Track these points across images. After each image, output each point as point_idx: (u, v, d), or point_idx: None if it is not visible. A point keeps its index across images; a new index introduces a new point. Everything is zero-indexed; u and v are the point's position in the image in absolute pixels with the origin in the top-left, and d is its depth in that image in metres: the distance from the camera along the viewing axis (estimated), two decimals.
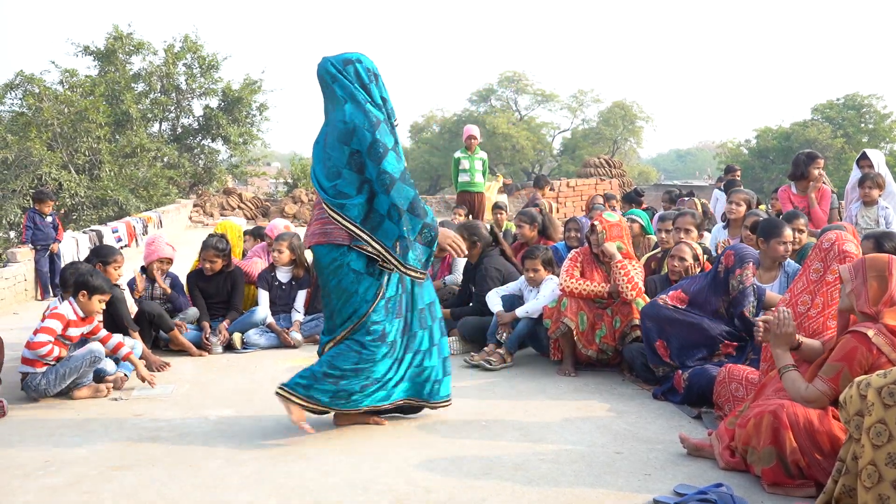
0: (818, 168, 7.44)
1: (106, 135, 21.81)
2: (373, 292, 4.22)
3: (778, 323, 3.83)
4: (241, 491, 3.69)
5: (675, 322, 5.14)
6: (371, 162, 4.07)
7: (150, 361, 6.00)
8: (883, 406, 2.97)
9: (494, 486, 3.73)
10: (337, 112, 4.19)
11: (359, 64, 4.22)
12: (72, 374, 5.20)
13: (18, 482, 3.82)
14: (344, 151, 4.13)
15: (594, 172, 24.35)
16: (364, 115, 4.10)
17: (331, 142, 4.18)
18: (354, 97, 4.15)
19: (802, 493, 3.56)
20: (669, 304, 5.19)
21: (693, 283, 5.27)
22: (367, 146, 4.07)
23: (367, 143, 4.07)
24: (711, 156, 54.59)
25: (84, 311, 5.41)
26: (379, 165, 4.06)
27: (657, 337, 5.22)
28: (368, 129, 4.07)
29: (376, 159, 4.06)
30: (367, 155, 4.08)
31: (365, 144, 4.07)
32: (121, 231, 14.25)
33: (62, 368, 5.17)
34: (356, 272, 4.18)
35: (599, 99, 49.60)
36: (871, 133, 39.34)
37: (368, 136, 4.06)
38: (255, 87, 27.41)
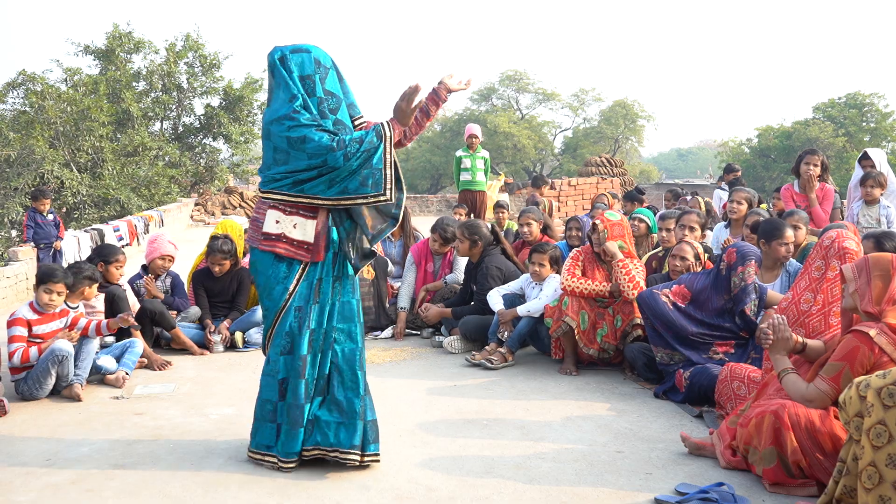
0: (809, 164, 7.41)
1: (108, 133, 21.81)
2: (283, 297, 3.89)
3: (773, 330, 3.83)
4: (242, 489, 3.70)
5: (666, 321, 5.17)
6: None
7: (152, 360, 6.01)
8: (883, 407, 2.97)
9: (496, 485, 3.73)
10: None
11: (305, 55, 3.92)
12: (44, 375, 5.13)
13: (21, 480, 3.83)
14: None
15: (595, 171, 24.35)
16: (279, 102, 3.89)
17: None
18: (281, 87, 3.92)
19: (804, 493, 3.57)
20: (668, 301, 5.20)
21: (695, 280, 5.27)
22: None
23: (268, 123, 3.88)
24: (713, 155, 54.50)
25: (45, 306, 5.33)
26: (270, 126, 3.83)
27: (654, 322, 5.25)
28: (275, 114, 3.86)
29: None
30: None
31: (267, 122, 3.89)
32: (122, 230, 14.25)
33: (34, 372, 5.15)
34: (265, 275, 3.92)
35: (601, 98, 49.57)
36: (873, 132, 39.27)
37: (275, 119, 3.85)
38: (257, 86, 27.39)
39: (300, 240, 3.88)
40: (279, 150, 3.82)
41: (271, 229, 3.89)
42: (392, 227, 3.99)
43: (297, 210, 3.88)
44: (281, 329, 3.90)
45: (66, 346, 5.20)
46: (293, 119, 3.78)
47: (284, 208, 3.88)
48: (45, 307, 5.36)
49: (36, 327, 5.31)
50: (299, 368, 3.87)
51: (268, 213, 3.90)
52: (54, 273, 5.40)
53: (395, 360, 6.31)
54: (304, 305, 3.90)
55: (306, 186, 3.80)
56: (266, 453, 3.94)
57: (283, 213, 3.88)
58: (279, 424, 3.91)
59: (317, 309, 3.93)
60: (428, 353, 6.54)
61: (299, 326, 3.89)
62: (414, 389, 5.44)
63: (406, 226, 8.39)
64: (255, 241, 3.95)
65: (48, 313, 5.38)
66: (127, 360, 5.72)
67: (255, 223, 3.97)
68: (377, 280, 7.30)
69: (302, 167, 3.78)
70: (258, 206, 3.99)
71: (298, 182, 3.81)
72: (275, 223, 3.89)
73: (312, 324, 3.91)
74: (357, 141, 3.78)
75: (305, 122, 3.77)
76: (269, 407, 3.93)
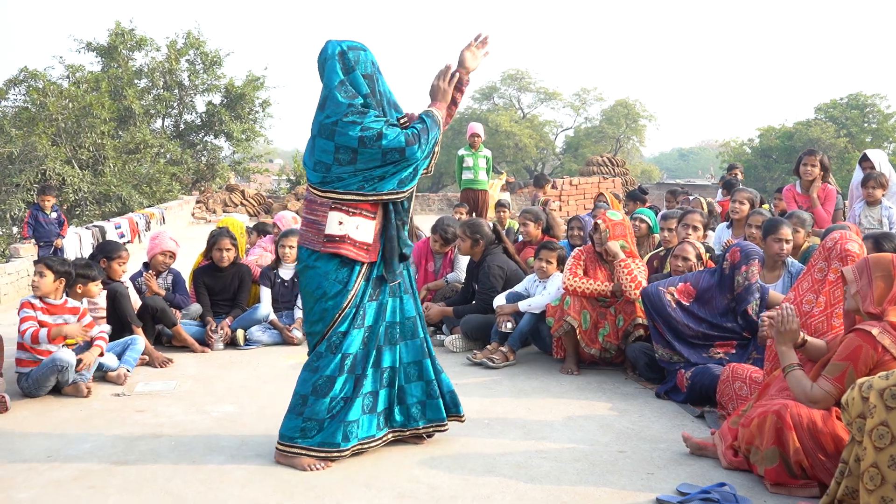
0: (807, 165, 7.43)
1: (110, 130, 21.80)
2: (345, 298, 3.91)
3: (782, 319, 3.82)
4: (244, 487, 3.70)
5: (667, 320, 5.16)
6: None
7: (154, 357, 6.01)
8: (885, 408, 2.97)
9: (498, 484, 3.73)
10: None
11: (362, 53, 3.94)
12: (44, 380, 5.12)
13: (23, 476, 3.83)
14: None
15: (597, 171, 24.34)
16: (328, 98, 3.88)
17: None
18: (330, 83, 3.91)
19: (806, 494, 3.57)
20: (672, 299, 5.19)
21: (701, 279, 5.26)
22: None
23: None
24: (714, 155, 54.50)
25: (32, 287, 5.33)
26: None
27: (655, 318, 5.25)
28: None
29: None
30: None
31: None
32: (123, 227, 14.25)
33: (34, 374, 5.13)
34: (325, 277, 3.91)
35: (602, 97, 49.58)
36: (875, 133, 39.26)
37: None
38: (258, 84, 27.36)
39: (362, 240, 3.90)
40: (344, 150, 3.78)
41: (335, 231, 3.87)
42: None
43: (360, 211, 3.89)
44: (337, 328, 3.92)
45: (67, 356, 5.15)
46: (363, 117, 3.77)
47: (348, 209, 3.88)
48: (33, 288, 5.34)
49: (43, 317, 5.32)
50: (347, 365, 3.92)
51: (330, 215, 3.87)
52: (46, 257, 5.39)
53: None
54: (361, 304, 3.95)
55: (379, 184, 3.83)
56: (291, 445, 3.94)
57: (347, 214, 3.88)
58: (310, 419, 3.91)
59: (374, 306, 3.99)
60: None
61: (354, 325, 3.93)
62: None
63: (409, 224, 8.37)
64: (316, 244, 3.91)
65: (54, 304, 5.37)
66: (128, 357, 5.72)
67: (315, 225, 3.92)
68: None
69: (375, 164, 3.79)
70: (314, 208, 3.94)
71: (370, 179, 3.82)
72: (338, 224, 3.87)
73: (369, 320, 3.97)
74: (423, 131, 3.87)
75: (377, 119, 3.79)
76: (299, 401, 3.96)
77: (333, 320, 3.92)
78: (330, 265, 3.90)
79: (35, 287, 5.34)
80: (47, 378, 5.12)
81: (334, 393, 3.90)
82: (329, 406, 3.91)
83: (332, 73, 3.85)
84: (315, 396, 3.91)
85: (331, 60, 3.86)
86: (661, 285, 5.32)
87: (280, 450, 3.97)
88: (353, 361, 3.95)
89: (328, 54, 3.88)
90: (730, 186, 10.43)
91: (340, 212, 3.87)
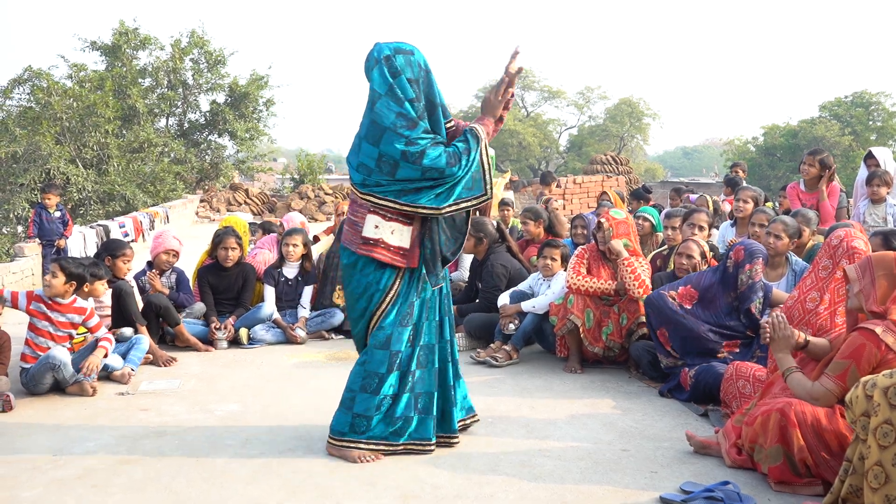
0: (805, 164, 7.42)
1: (114, 129, 21.82)
2: (383, 299, 3.98)
3: (773, 327, 3.82)
4: (248, 485, 3.70)
5: (675, 323, 5.15)
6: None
7: (158, 357, 6.02)
8: (889, 406, 2.96)
9: (501, 483, 3.73)
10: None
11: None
12: (41, 377, 5.13)
13: (27, 475, 3.84)
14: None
15: (601, 169, 24.31)
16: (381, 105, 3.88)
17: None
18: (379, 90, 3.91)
19: (809, 492, 3.56)
20: (675, 303, 5.18)
21: (702, 278, 5.26)
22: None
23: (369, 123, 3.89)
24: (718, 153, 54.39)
25: (61, 293, 5.34)
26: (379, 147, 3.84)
27: (659, 326, 5.24)
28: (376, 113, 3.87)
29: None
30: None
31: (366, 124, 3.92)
32: (127, 226, 14.29)
33: (31, 371, 5.15)
34: (365, 278, 3.98)
35: (606, 96, 49.52)
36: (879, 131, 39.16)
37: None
38: (262, 83, 27.38)
39: (397, 245, 3.93)
40: (388, 159, 3.81)
41: (370, 234, 3.92)
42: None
43: (396, 216, 3.92)
44: (380, 327, 3.98)
45: (61, 354, 5.14)
46: (410, 130, 3.77)
47: (385, 214, 3.91)
48: (44, 287, 5.37)
49: (48, 313, 5.33)
50: (394, 363, 3.96)
51: (367, 218, 3.93)
52: (62, 258, 5.47)
53: None
54: (404, 304, 3.99)
55: (414, 197, 3.84)
56: (340, 439, 4.01)
57: (384, 218, 3.91)
58: (359, 414, 3.96)
59: (417, 304, 4.02)
60: None
61: (400, 323, 3.98)
62: None
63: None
64: (353, 245, 3.98)
65: (62, 303, 5.36)
66: (132, 356, 5.72)
67: (354, 226, 3.99)
68: None
69: (414, 177, 3.80)
70: (355, 209, 4.00)
71: (407, 192, 3.84)
72: (374, 228, 3.92)
73: (414, 319, 4.01)
74: (465, 152, 3.85)
75: (423, 136, 3.79)
76: (349, 396, 4.02)
77: (372, 318, 4.00)
78: (369, 266, 3.96)
79: (47, 286, 5.37)
80: (43, 375, 5.13)
81: (384, 390, 3.96)
82: (378, 402, 3.96)
83: (379, 78, 3.85)
84: (364, 392, 3.97)
85: (378, 65, 3.86)
86: (663, 290, 5.31)
87: (332, 443, 4.04)
88: (400, 359, 3.99)
89: (375, 58, 3.88)
90: (733, 184, 10.41)
91: (378, 216, 3.92)
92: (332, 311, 7.05)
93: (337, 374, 5.73)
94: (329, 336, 7.01)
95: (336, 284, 7.14)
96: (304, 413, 4.81)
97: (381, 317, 3.99)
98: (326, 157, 36.22)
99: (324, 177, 31.22)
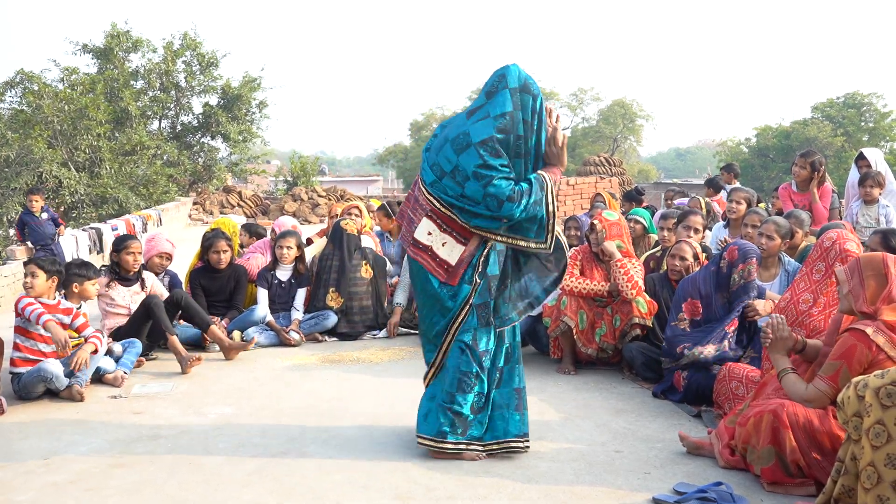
0: (796, 165, 7.45)
1: (106, 132, 21.78)
2: (463, 302, 3.97)
3: (773, 329, 3.84)
4: (241, 488, 3.70)
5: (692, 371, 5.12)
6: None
7: (183, 357, 5.85)
8: (881, 407, 2.98)
9: (495, 484, 3.74)
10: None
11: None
12: (32, 387, 5.10)
13: (21, 479, 3.83)
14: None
15: (594, 171, 24.33)
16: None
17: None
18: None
19: (802, 493, 3.57)
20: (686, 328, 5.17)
21: (699, 285, 5.19)
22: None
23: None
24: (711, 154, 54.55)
25: (27, 288, 5.30)
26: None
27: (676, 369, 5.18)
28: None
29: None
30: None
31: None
32: (120, 229, 14.23)
33: (23, 380, 5.12)
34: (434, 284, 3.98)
35: (599, 97, 49.63)
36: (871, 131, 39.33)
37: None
38: (255, 85, 27.36)
39: (443, 258, 3.94)
40: (461, 171, 3.85)
41: (422, 238, 3.98)
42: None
43: (451, 230, 3.94)
44: (464, 329, 3.98)
45: (53, 367, 5.09)
46: (493, 157, 3.80)
47: (441, 223, 3.95)
48: (26, 289, 5.31)
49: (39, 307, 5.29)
50: (483, 362, 4.00)
51: (423, 221, 3.98)
52: (36, 258, 5.40)
53: (394, 359, 6.31)
54: (484, 302, 4.01)
55: (471, 215, 3.87)
56: (443, 441, 4.00)
57: (438, 228, 3.95)
58: (458, 414, 3.98)
59: (492, 304, 4.05)
60: None
61: (484, 323, 4.00)
62: (412, 389, 5.41)
63: None
64: (406, 243, 4.04)
65: (48, 304, 5.32)
66: (125, 359, 5.70)
67: (410, 223, 4.03)
68: (375, 279, 7.29)
69: (476, 199, 3.82)
70: (416, 207, 4.04)
71: (467, 211, 3.87)
72: (426, 234, 3.97)
73: (492, 318, 4.04)
74: (527, 193, 3.85)
75: (501, 168, 3.81)
76: (446, 398, 4.01)
77: (455, 319, 3.97)
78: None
79: (29, 288, 5.32)
80: (35, 385, 5.11)
81: (478, 388, 4.00)
82: (473, 402, 4.00)
83: (502, 100, 3.89)
84: (461, 393, 3.98)
85: (509, 91, 3.89)
86: (672, 321, 5.25)
87: (434, 446, 4.01)
88: (488, 358, 4.02)
89: (509, 84, 3.91)
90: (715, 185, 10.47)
91: (433, 223, 3.95)
92: (326, 313, 7.04)
93: (330, 377, 5.73)
94: (322, 338, 7.00)
95: (329, 287, 7.13)
96: (298, 415, 4.81)
97: (464, 319, 3.97)
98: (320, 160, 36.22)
99: (317, 179, 31.20)
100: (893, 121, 39.60)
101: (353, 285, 7.14)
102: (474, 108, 3.95)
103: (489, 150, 3.81)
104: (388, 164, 55.44)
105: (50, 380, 5.07)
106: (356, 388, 5.45)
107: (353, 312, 7.12)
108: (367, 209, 8.84)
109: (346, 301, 7.10)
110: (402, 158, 52.05)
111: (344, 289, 7.12)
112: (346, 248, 7.21)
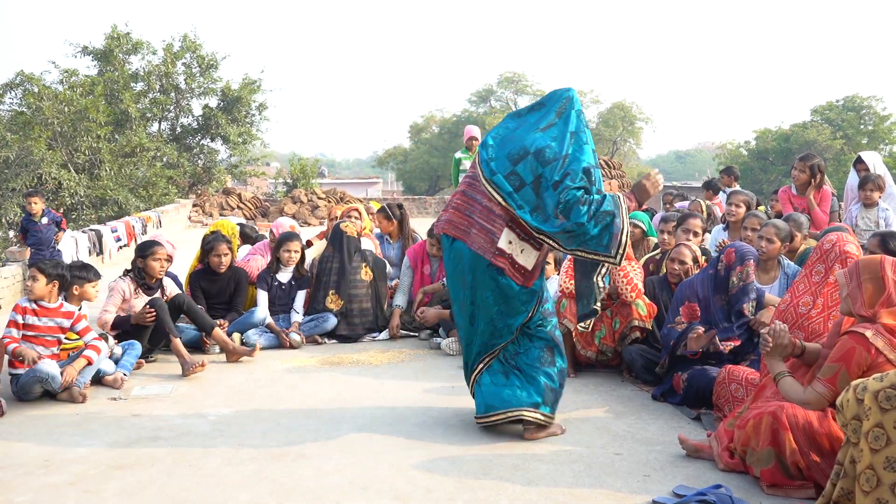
0: (796, 169, 7.46)
1: (106, 134, 21.78)
2: (534, 301, 4.34)
3: (773, 337, 3.84)
4: (241, 490, 3.70)
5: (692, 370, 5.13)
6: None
7: (186, 361, 5.83)
8: (880, 410, 2.98)
9: (494, 486, 3.74)
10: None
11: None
12: (30, 388, 5.10)
13: (19, 481, 3.83)
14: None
15: None
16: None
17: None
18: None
19: (801, 495, 3.57)
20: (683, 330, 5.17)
21: (697, 288, 5.20)
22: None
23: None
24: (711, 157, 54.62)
25: (28, 291, 5.32)
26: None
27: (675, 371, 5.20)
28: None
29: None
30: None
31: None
32: (120, 231, 14.23)
33: (20, 381, 5.12)
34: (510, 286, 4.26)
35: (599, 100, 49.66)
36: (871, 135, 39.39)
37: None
38: (255, 87, 27.39)
39: (521, 264, 4.23)
40: (546, 184, 4.08)
41: (504, 247, 4.21)
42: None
43: (529, 238, 4.20)
44: (540, 316, 4.39)
45: (49, 367, 5.08)
46: (577, 176, 4.06)
47: (520, 232, 4.20)
48: (27, 292, 5.32)
49: (31, 318, 5.28)
50: (556, 336, 4.47)
51: (505, 231, 4.20)
52: (39, 261, 5.42)
53: (394, 361, 6.31)
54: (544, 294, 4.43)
55: (543, 219, 4.10)
56: (542, 413, 4.38)
57: (518, 237, 4.20)
58: (553, 389, 4.40)
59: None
60: (426, 355, 6.54)
61: (541, 308, 4.39)
62: (412, 391, 5.44)
63: (405, 228, 8.38)
64: (488, 254, 4.20)
65: (48, 307, 5.33)
66: (125, 361, 5.70)
67: (490, 236, 4.21)
68: (375, 282, 7.30)
69: (549, 212, 4.07)
70: (492, 218, 4.24)
71: (539, 218, 4.10)
72: (508, 243, 4.21)
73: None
74: (605, 213, 4.05)
75: (581, 184, 4.06)
76: (541, 375, 4.39)
77: (527, 317, 4.34)
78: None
79: (29, 291, 5.34)
80: (32, 386, 5.11)
81: (558, 364, 4.44)
82: (557, 375, 4.42)
83: (576, 120, 4.23)
84: (548, 367, 4.39)
85: (576, 112, 4.26)
86: (669, 324, 5.26)
87: (543, 422, 4.39)
88: (557, 336, 4.47)
89: (574, 104, 4.29)
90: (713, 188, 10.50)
91: (514, 233, 4.19)
92: (326, 315, 7.05)
93: (330, 379, 5.74)
94: (322, 340, 7.00)
95: (329, 289, 7.14)
96: (298, 417, 4.81)
97: (538, 308, 4.37)
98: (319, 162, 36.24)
99: (317, 181, 31.22)
100: (893, 124, 39.67)
101: (352, 287, 7.15)
102: (546, 125, 4.23)
103: (574, 168, 4.06)
104: (387, 166, 55.49)
105: (46, 380, 5.06)
106: (356, 390, 5.46)
107: (352, 315, 7.12)
108: (366, 211, 8.85)
109: (345, 303, 7.11)
110: (402, 161, 52.10)
111: (344, 291, 7.13)
112: (346, 250, 7.22)
